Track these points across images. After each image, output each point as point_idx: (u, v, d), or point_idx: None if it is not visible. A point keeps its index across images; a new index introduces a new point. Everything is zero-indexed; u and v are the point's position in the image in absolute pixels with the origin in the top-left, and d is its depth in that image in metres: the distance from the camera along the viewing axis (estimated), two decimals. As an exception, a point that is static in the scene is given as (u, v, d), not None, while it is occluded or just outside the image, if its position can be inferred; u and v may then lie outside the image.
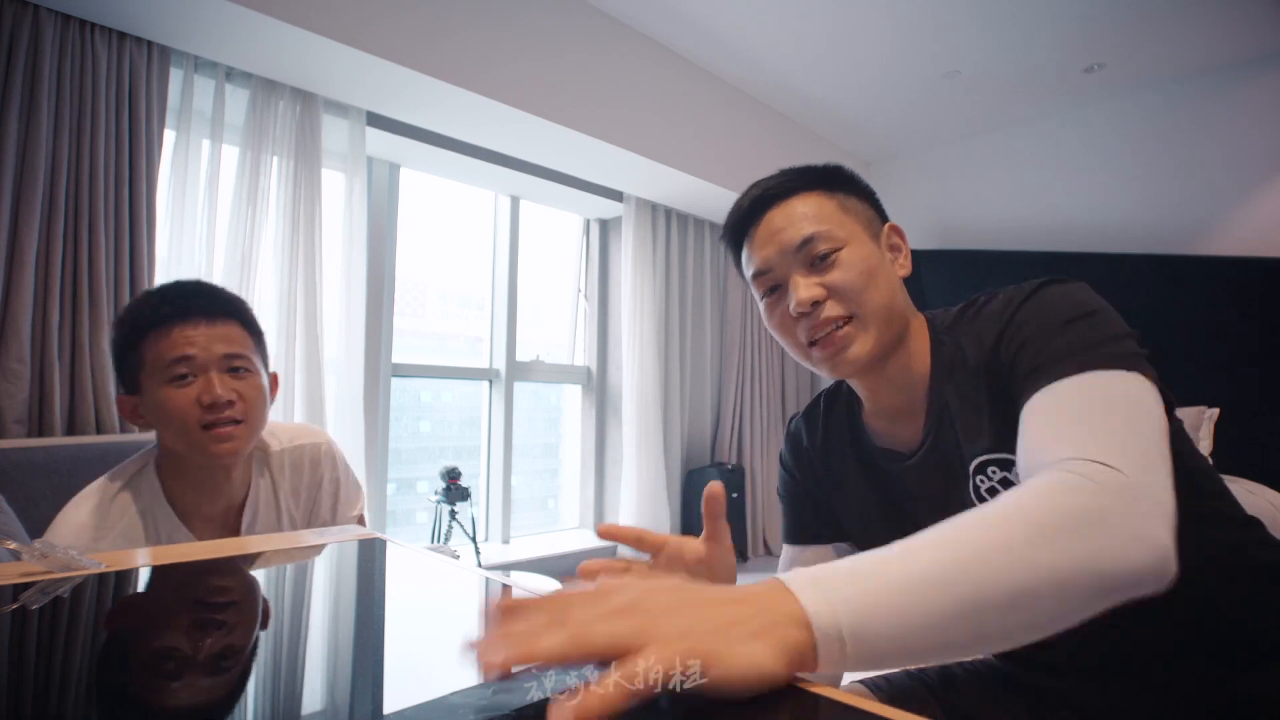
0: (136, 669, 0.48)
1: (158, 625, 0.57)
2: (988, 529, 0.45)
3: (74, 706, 0.42)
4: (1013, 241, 3.86)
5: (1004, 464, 0.67)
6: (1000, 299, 0.72)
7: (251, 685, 0.45)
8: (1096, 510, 0.46)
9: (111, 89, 1.95)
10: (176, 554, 0.77)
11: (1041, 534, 0.45)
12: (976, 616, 0.42)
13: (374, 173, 2.85)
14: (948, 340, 0.74)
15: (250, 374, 0.99)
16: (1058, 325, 0.63)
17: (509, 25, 2.57)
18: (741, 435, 4.00)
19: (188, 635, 0.54)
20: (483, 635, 0.38)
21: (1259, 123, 3.20)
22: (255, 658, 0.50)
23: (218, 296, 1.01)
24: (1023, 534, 0.45)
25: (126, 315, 0.98)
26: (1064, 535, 0.45)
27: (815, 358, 0.75)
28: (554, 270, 3.85)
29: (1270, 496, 0.84)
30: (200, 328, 0.95)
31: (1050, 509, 0.46)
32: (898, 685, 0.85)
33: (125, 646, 0.53)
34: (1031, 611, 0.44)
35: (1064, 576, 0.44)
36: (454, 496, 2.77)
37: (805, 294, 0.72)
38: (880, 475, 0.81)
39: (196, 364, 0.94)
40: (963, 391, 0.71)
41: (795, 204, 0.76)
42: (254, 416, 0.98)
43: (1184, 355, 2.95)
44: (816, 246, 0.73)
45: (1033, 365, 0.62)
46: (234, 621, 0.59)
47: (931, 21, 2.96)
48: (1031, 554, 0.44)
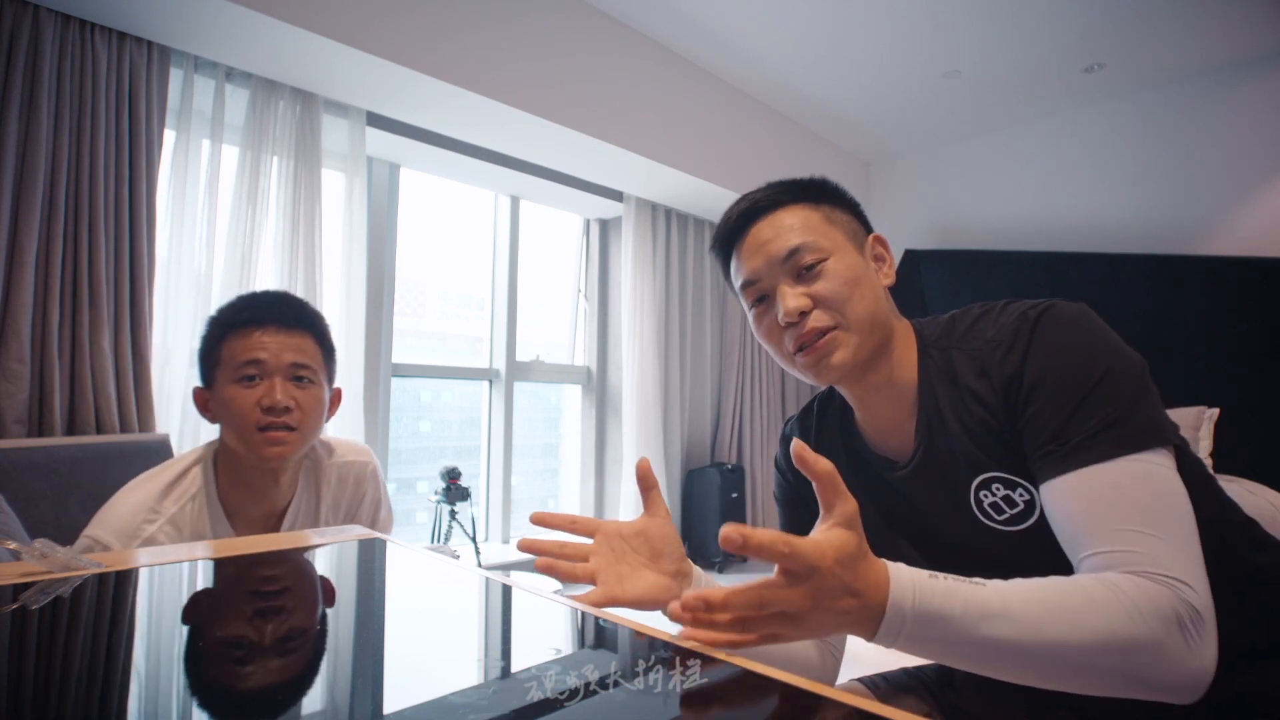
0: (136, 669, 0.48)
1: (157, 625, 0.57)
2: (1064, 609, 0.54)
3: (74, 706, 0.42)
4: (1013, 241, 3.86)
5: (1007, 483, 0.68)
6: (1000, 325, 0.71)
7: (251, 685, 0.45)
8: (1160, 645, 0.53)
9: (111, 89, 1.95)
10: (176, 554, 0.77)
11: (1111, 648, 0.53)
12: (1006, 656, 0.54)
13: (374, 173, 2.85)
14: (936, 354, 0.75)
15: (313, 385, 1.04)
16: (1078, 393, 0.63)
17: (509, 25, 2.57)
18: (741, 435, 4.00)
19: (187, 635, 0.54)
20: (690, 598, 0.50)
21: (1259, 123, 3.20)
22: (255, 658, 0.50)
23: (299, 308, 1.07)
24: (1092, 644, 0.53)
25: (217, 314, 1.05)
26: (1129, 655, 0.53)
27: (800, 364, 0.77)
28: (554, 270, 3.85)
29: (1270, 496, 0.84)
30: (275, 335, 1.01)
31: (1124, 630, 0.53)
32: (895, 684, 0.85)
33: (125, 647, 0.53)
34: (1047, 678, 0.55)
35: (1112, 684, 0.54)
36: (454, 496, 2.78)
37: (793, 304, 0.74)
38: (875, 481, 0.81)
39: (265, 368, 1.00)
40: (957, 409, 0.72)
41: (782, 216, 0.78)
42: (308, 426, 1.03)
43: (1184, 355, 2.95)
44: (803, 257, 0.75)
45: (1053, 433, 0.63)
46: (233, 622, 0.59)
47: (931, 21, 2.96)
48: (1092, 661, 0.53)
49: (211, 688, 0.45)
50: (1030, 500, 0.67)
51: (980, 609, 0.53)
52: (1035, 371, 0.66)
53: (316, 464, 1.12)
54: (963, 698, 0.81)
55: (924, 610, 0.52)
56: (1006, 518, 0.69)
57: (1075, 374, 0.64)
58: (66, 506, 1.59)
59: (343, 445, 1.18)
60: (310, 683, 0.47)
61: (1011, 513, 0.68)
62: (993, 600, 0.53)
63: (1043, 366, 0.66)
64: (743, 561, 3.83)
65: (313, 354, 1.04)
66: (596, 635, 0.58)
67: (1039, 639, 0.53)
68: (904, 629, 0.52)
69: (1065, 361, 0.65)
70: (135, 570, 0.70)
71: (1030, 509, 0.67)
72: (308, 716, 0.42)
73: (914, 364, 0.76)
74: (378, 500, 1.19)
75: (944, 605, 0.53)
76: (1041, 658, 0.53)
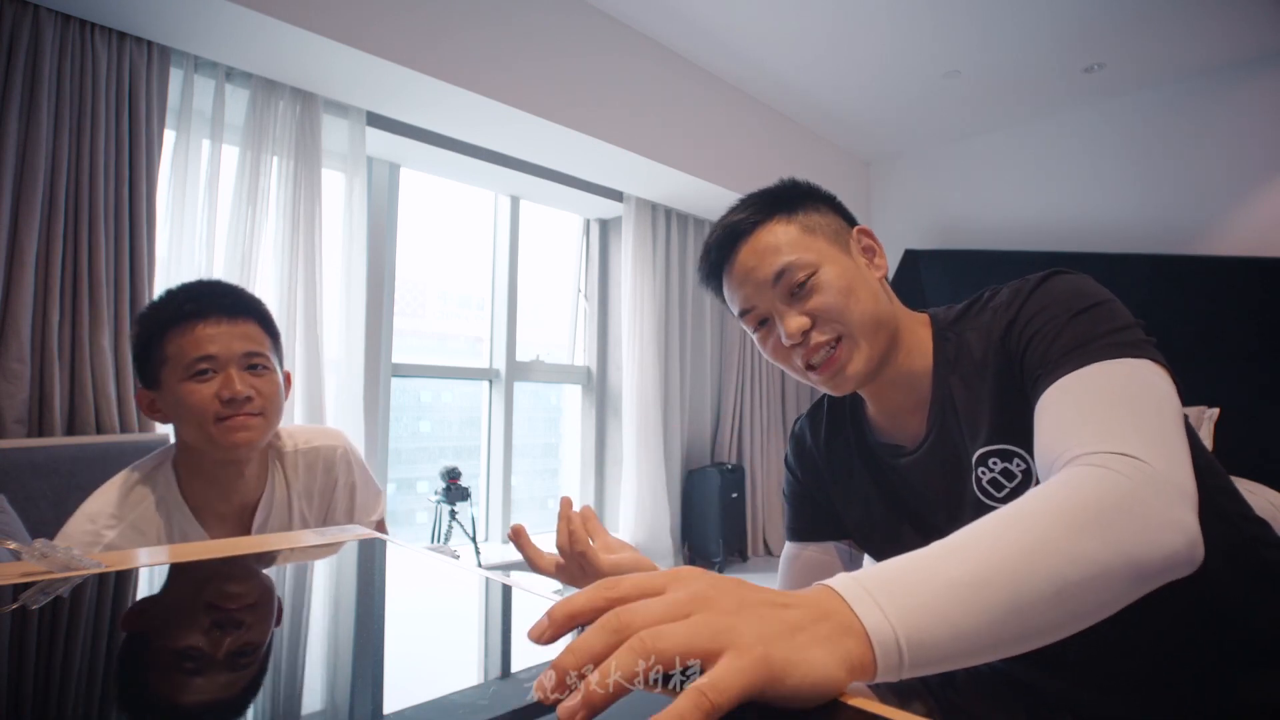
0: (136, 669, 0.48)
1: (157, 625, 0.57)
2: (1024, 527, 0.46)
3: (73, 706, 0.42)
4: (1013, 241, 3.86)
5: (1004, 454, 0.68)
6: (1007, 292, 0.73)
7: (251, 685, 0.45)
8: (1125, 500, 0.47)
9: (111, 89, 1.95)
10: (176, 554, 0.77)
11: (1077, 527, 0.45)
12: (1024, 613, 0.42)
13: (374, 173, 2.85)
14: (951, 336, 0.75)
15: (268, 371, 1.02)
16: (1066, 317, 0.64)
17: (509, 25, 2.57)
18: (741, 435, 4.00)
19: (187, 636, 0.54)
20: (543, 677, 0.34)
21: (1259, 123, 3.20)
22: (255, 658, 0.50)
23: (238, 296, 1.04)
24: (1059, 528, 0.45)
25: (149, 312, 1.01)
26: (1098, 526, 0.46)
27: (815, 380, 0.77)
28: (554, 270, 3.85)
29: (1270, 496, 0.84)
30: (221, 326, 0.99)
31: (1082, 502, 0.47)
32: (896, 683, 0.85)
33: (125, 647, 0.53)
34: (1076, 603, 0.44)
35: (1104, 567, 0.45)
36: (454, 496, 2.78)
37: (793, 326, 0.74)
38: (883, 470, 0.82)
39: (218, 361, 0.98)
40: (968, 384, 0.72)
41: (761, 237, 0.77)
42: (271, 411, 1.02)
43: (1184, 355, 2.93)
44: (792, 276, 0.74)
45: (1042, 359, 0.63)
46: (233, 622, 0.59)
47: (931, 21, 2.96)
48: (1070, 547, 0.44)
49: (210, 686, 0.45)
50: (1026, 469, 0.68)
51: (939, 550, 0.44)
52: (1030, 312, 0.67)
53: (280, 454, 1.10)
54: (963, 697, 0.81)
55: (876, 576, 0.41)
56: (1005, 493, 0.69)
57: (1067, 304, 0.65)
58: (66, 506, 1.58)
59: (305, 431, 1.15)
60: (310, 682, 0.47)
61: (1010, 486, 0.68)
62: (948, 540, 0.46)
63: (1038, 306, 0.67)
64: (744, 561, 3.83)
65: (261, 340, 1.02)
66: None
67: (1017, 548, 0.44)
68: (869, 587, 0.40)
69: (1058, 299, 0.66)
70: (135, 570, 0.70)
71: (1027, 478, 0.68)
72: (308, 716, 0.42)
73: (927, 351, 0.77)
74: (352, 484, 1.16)
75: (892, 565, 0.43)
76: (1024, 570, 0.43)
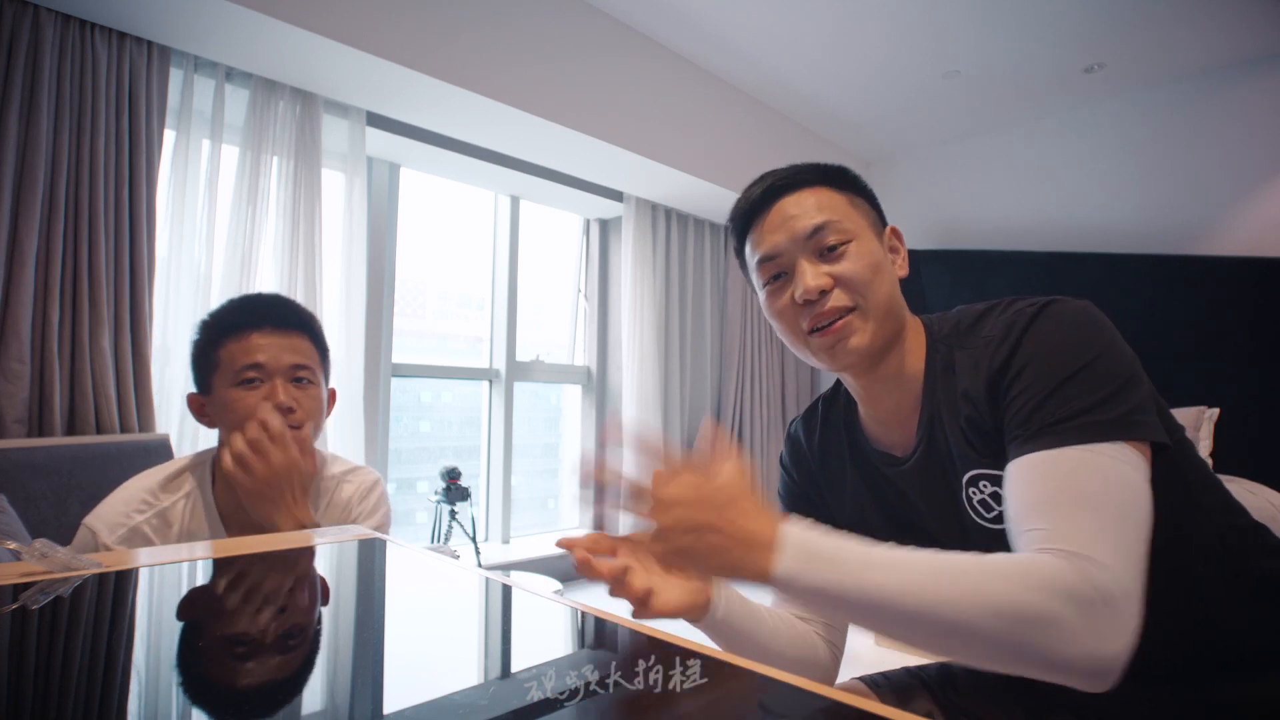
0: (136, 669, 0.48)
1: (156, 625, 0.57)
2: (955, 572, 0.53)
3: (74, 706, 0.42)
4: (1013, 241, 3.86)
5: (994, 479, 0.68)
6: (999, 322, 0.70)
7: (251, 685, 0.45)
8: (1053, 618, 0.50)
9: (111, 89, 1.95)
10: (178, 555, 0.77)
11: (993, 611, 0.51)
12: (884, 610, 0.53)
13: (374, 173, 2.85)
14: (942, 349, 0.75)
15: (312, 385, 1.05)
16: (1054, 382, 0.62)
17: (509, 26, 2.57)
18: (741, 435, 3.99)
19: (187, 635, 0.54)
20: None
21: (1259, 123, 3.20)
22: (255, 658, 0.50)
23: (293, 310, 1.08)
24: (977, 594, 0.51)
25: (209, 319, 1.05)
26: (1010, 622, 0.51)
27: (814, 346, 0.75)
28: (554, 270, 3.85)
29: (1270, 496, 0.84)
30: (273, 336, 1.02)
31: (1015, 598, 0.51)
32: (896, 683, 0.85)
33: (125, 647, 0.53)
34: (934, 640, 0.54)
35: (987, 645, 0.52)
36: (454, 496, 2.77)
37: (814, 282, 0.73)
38: (876, 477, 0.81)
39: (265, 370, 1.00)
40: (951, 406, 0.71)
41: (807, 195, 0.77)
42: (311, 424, 1.04)
43: (1184, 355, 2.95)
44: (826, 237, 0.74)
45: (1023, 423, 0.62)
46: (233, 621, 0.59)
47: (931, 21, 2.96)
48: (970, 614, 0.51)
49: (211, 687, 0.45)
50: None
51: (870, 558, 0.55)
52: (1020, 362, 0.65)
53: (318, 475, 1.11)
54: (963, 697, 0.81)
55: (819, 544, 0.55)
56: (994, 515, 0.68)
57: (1057, 362, 0.63)
58: (66, 506, 1.59)
59: (346, 464, 1.16)
60: (310, 682, 0.47)
61: (999, 510, 0.68)
62: (887, 553, 0.55)
63: (1028, 356, 0.65)
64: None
65: (310, 354, 1.05)
66: (596, 635, 0.58)
67: (923, 596, 0.52)
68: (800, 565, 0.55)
69: (1050, 351, 0.64)
70: (135, 570, 0.70)
71: None
72: (308, 716, 0.42)
73: (922, 358, 0.76)
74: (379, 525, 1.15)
75: (837, 547, 0.55)
76: (925, 615, 0.52)
